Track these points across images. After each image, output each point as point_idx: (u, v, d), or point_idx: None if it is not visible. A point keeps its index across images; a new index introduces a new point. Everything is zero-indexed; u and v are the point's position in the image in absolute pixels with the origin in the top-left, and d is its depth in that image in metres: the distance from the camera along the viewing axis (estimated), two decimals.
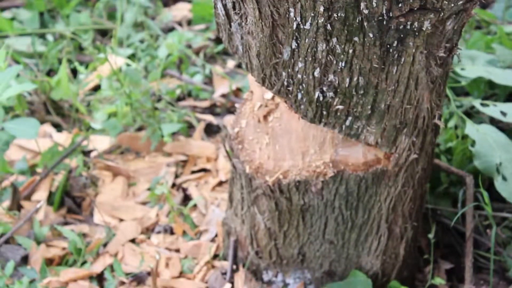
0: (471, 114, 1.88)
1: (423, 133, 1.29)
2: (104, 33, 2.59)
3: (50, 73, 2.34)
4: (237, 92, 2.27)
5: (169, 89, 2.21)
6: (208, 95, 2.27)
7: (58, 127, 2.17)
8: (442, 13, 1.09)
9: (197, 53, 2.45)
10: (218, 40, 2.50)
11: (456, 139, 1.79)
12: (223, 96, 2.25)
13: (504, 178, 1.66)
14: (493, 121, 1.85)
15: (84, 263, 1.71)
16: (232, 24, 1.18)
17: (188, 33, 2.50)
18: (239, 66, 2.43)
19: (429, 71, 1.18)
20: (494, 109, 1.78)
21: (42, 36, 2.52)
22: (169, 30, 2.60)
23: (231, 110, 2.21)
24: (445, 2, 1.07)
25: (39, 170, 1.95)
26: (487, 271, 1.64)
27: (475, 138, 1.68)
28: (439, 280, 1.57)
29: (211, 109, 2.24)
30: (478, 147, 1.69)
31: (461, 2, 1.10)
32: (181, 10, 2.73)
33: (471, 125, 1.72)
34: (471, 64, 1.94)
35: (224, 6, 1.17)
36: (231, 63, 2.42)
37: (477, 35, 2.10)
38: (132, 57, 2.38)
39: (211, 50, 2.46)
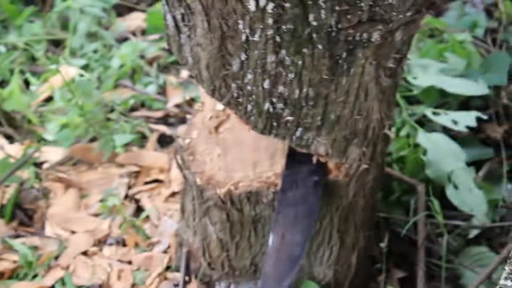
0: (423, 122, 1.90)
1: (373, 143, 1.29)
2: (57, 44, 2.55)
3: (2, 83, 2.30)
4: (191, 102, 2.26)
5: (122, 100, 2.20)
6: (162, 105, 2.25)
7: (10, 139, 2.14)
8: (391, 25, 1.09)
9: (150, 63, 2.43)
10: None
11: (408, 147, 1.80)
12: (177, 106, 2.24)
13: (455, 187, 1.68)
14: (445, 130, 1.87)
15: (35, 276, 1.68)
16: (181, 35, 1.18)
17: (142, 43, 2.48)
18: (192, 76, 2.42)
19: (379, 81, 1.19)
20: (445, 118, 1.80)
21: None
22: (123, 40, 2.57)
23: (184, 121, 2.20)
24: (393, 13, 1.08)
25: None
26: (440, 279, 1.65)
27: (427, 146, 1.70)
28: None
29: (164, 119, 2.23)
30: (430, 155, 1.70)
31: (409, 13, 1.10)
32: (135, 20, 2.71)
33: (422, 133, 1.74)
34: (424, 73, 1.96)
35: (173, 17, 1.16)
36: (184, 73, 2.40)
37: (430, 43, 2.13)
38: (85, 67, 2.35)
39: (165, 60, 2.45)
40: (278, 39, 1.07)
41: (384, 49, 1.14)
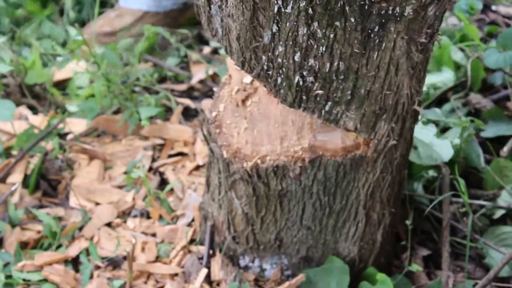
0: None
1: (402, 119, 1.27)
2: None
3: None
4: (214, 77, 2.26)
5: (146, 73, 2.19)
6: (186, 79, 2.25)
7: (33, 110, 2.14)
8: None
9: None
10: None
11: None
12: (201, 82, 2.24)
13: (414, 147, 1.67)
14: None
15: (59, 246, 1.69)
16: (212, 6, 1.16)
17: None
18: (215, 52, 2.42)
19: (410, 57, 1.17)
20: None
21: None
22: None
23: (208, 94, 2.19)
24: None
25: (14, 152, 1.92)
26: (464, 257, 1.64)
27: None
28: (416, 267, 1.56)
29: (188, 93, 2.23)
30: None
31: None
32: None
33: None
34: None
35: None
36: (207, 49, 2.40)
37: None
38: None
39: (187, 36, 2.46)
40: (310, 11, 1.05)
41: (416, 24, 1.12)
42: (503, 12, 2.55)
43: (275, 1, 1.06)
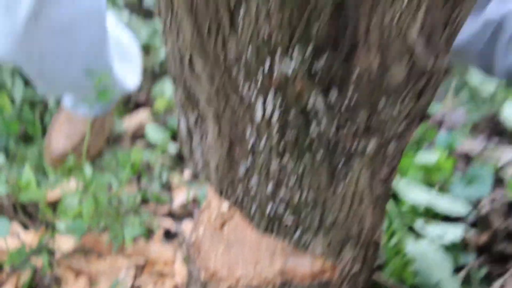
0: (414, 231, 1.90)
1: (366, 248, 1.29)
2: None
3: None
4: (195, 200, 2.27)
5: (130, 195, 2.20)
6: (168, 201, 2.26)
7: (25, 226, 2.14)
8: (386, 136, 1.11)
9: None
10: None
11: (398, 255, 1.80)
12: (182, 205, 2.25)
13: None
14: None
15: None
16: (193, 140, 1.19)
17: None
18: (195, 175, 2.44)
19: (373, 189, 1.20)
20: (433, 229, 1.80)
21: None
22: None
23: (188, 216, 2.20)
24: (388, 124, 1.09)
25: (5, 268, 1.91)
26: None
27: (416, 255, 1.69)
28: None
29: (170, 215, 2.24)
30: (418, 264, 1.70)
31: (403, 125, 1.12)
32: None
33: (412, 242, 1.73)
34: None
35: (187, 123, 1.18)
36: (187, 172, 2.43)
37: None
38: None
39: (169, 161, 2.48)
40: (281, 146, 1.08)
41: (378, 160, 1.15)
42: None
43: (250, 137, 1.09)
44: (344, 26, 0.97)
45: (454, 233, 1.82)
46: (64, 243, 2.05)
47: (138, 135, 2.57)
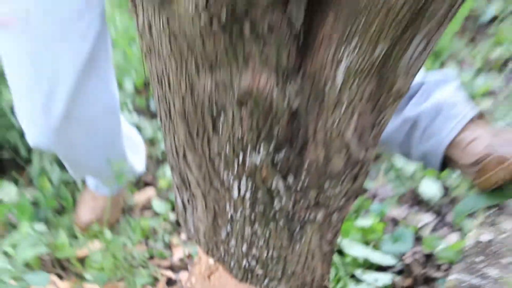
0: (355, 277, 1.90)
1: None
2: None
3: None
4: (189, 256, 2.26)
5: (140, 253, 2.19)
6: (169, 257, 2.25)
7: (60, 276, 2.12)
8: (330, 208, 1.12)
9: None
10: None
11: None
12: (180, 259, 2.23)
13: None
14: None
15: None
16: (187, 212, 1.20)
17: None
18: (189, 238, 2.41)
19: (321, 248, 1.20)
20: (370, 277, 1.80)
21: None
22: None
23: (186, 269, 2.19)
24: (332, 200, 1.11)
25: None
26: None
27: None
28: None
29: (171, 267, 2.22)
30: None
31: (343, 200, 1.14)
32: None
33: (353, 286, 1.73)
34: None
35: (182, 199, 1.20)
36: (183, 236, 2.41)
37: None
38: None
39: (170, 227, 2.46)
40: (253, 217, 1.10)
41: (325, 226, 1.16)
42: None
43: (229, 210, 1.10)
44: (297, 129, 1.01)
45: (385, 279, 1.83)
46: None
47: (146, 207, 2.56)
